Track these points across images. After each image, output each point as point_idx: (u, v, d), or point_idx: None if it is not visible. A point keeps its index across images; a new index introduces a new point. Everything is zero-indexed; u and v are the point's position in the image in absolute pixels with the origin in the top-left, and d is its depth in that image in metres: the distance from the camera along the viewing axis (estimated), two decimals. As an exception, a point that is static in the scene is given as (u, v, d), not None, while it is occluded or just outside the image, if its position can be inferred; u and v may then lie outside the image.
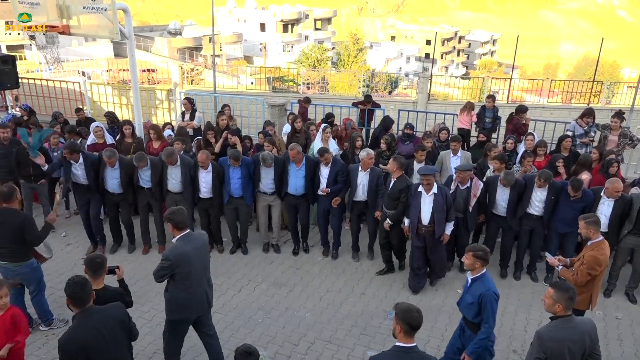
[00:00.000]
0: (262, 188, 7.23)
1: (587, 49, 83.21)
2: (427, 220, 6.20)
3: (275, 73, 30.12)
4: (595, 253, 4.86)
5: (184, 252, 4.57)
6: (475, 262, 4.38)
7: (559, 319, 3.79)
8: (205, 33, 50.79)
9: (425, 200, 6.16)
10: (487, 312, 4.30)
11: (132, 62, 8.14)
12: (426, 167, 6.37)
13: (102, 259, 4.21)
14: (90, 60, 25.33)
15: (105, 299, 4.10)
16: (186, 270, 4.58)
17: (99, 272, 4.15)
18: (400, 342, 3.40)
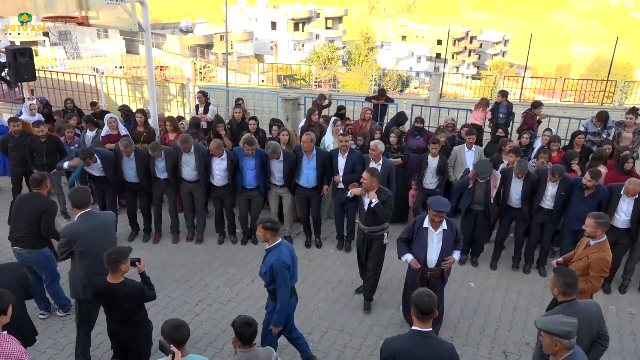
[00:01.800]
0: (273, 180, 7.29)
1: (599, 50, 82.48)
2: (435, 262, 5.23)
3: (286, 71, 30.23)
4: (602, 255, 4.75)
5: (79, 229, 4.65)
6: (266, 234, 4.49)
7: (562, 304, 3.82)
8: (216, 31, 51.06)
9: (433, 238, 5.18)
10: (279, 281, 4.50)
11: (149, 54, 8.22)
12: (439, 201, 5.12)
13: (118, 254, 4.14)
14: (104, 57, 25.53)
15: (123, 293, 4.15)
16: (82, 249, 4.62)
17: (114, 267, 4.13)
18: (416, 326, 3.45)
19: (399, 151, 7.88)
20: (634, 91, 17.96)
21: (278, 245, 4.53)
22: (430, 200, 5.14)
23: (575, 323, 3.23)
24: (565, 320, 3.24)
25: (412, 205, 8.08)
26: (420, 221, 5.29)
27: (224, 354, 5.37)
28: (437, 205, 5.02)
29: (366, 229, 5.85)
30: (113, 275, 4.15)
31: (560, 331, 3.19)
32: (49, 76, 13.18)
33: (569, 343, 3.19)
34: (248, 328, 3.61)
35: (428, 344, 3.40)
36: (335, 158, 7.14)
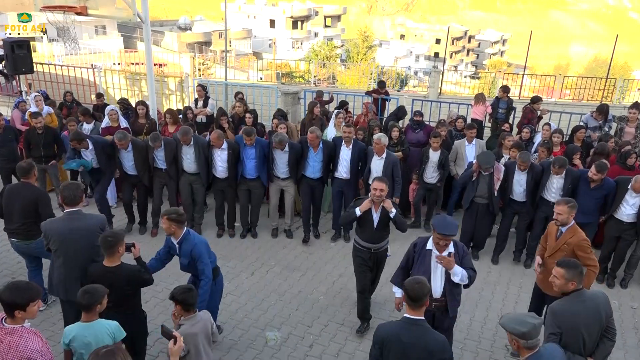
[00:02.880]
0: (276, 172, 7.23)
1: (597, 50, 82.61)
2: (439, 292, 4.39)
3: (284, 69, 30.14)
4: (580, 235, 4.70)
5: (56, 227, 4.50)
6: (171, 226, 4.49)
7: (571, 293, 3.76)
8: (215, 28, 50.90)
9: (437, 263, 4.38)
10: (202, 262, 4.52)
11: (148, 47, 8.16)
12: (445, 222, 4.26)
13: (115, 238, 4.11)
14: (102, 53, 25.41)
15: (121, 277, 4.11)
16: (56, 247, 4.50)
17: (110, 250, 4.09)
18: (407, 313, 3.40)
19: (399, 145, 7.83)
20: (632, 90, 17.97)
21: (187, 234, 4.58)
22: (434, 221, 4.33)
23: (534, 324, 3.12)
24: (525, 320, 3.15)
25: (413, 199, 8.03)
26: (422, 242, 4.46)
27: (224, 347, 5.31)
28: (443, 228, 4.18)
29: (373, 247, 5.30)
30: (110, 258, 4.11)
31: (514, 330, 3.12)
32: (47, 70, 13.08)
33: (526, 343, 3.11)
34: (191, 292, 3.75)
35: (417, 332, 3.32)
36: (339, 147, 7.10)
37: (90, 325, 3.54)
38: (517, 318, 3.20)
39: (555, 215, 4.77)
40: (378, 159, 6.97)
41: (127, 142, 6.95)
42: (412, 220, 8.15)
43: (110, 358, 2.81)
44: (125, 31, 42.52)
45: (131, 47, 36.26)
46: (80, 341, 3.50)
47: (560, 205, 4.73)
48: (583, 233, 4.76)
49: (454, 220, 4.34)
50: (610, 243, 6.65)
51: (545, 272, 4.85)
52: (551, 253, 4.85)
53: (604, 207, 6.58)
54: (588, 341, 3.65)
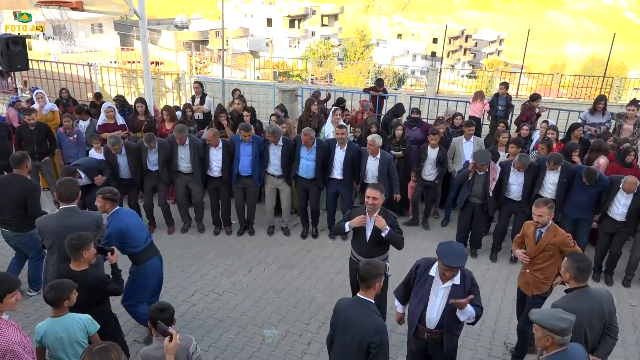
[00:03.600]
0: (270, 169, 7.18)
1: (594, 50, 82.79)
2: (435, 323, 3.91)
3: (281, 67, 30.08)
4: (562, 232, 4.66)
5: (50, 224, 4.45)
6: (105, 204, 4.69)
7: (574, 290, 3.74)
8: (211, 27, 50.80)
9: (437, 291, 3.87)
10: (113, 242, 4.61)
11: (144, 43, 8.10)
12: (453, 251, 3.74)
13: (80, 241, 3.94)
14: (98, 51, 25.31)
15: (84, 283, 3.85)
16: (50, 244, 4.46)
17: (75, 254, 3.95)
18: (360, 292, 3.53)
19: (401, 144, 7.79)
20: (629, 89, 18.00)
21: (115, 212, 4.73)
22: (440, 250, 3.75)
23: (572, 320, 3.10)
24: (563, 315, 3.12)
25: (411, 197, 8.00)
26: (425, 265, 3.99)
27: (221, 344, 5.27)
28: (449, 259, 3.66)
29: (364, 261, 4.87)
30: (75, 262, 3.97)
31: (554, 327, 3.07)
32: (42, 67, 13.00)
33: (562, 340, 3.08)
34: (161, 314, 3.42)
35: (361, 311, 3.43)
36: (333, 149, 7.03)
37: (60, 320, 3.50)
38: (552, 314, 3.16)
39: (536, 217, 4.61)
40: (373, 159, 6.93)
41: (120, 146, 6.85)
42: (410, 218, 8.12)
43: (104, 355, 2.75)
44: (122, 29, 42.42)
45: (128, 45, 36.15)
46: (52, 337, 3.47)
47: (540, 207, 4.59)
48: (562, 230, 4.71)
49: (463, 248, 3.84)
50: (605, 240, 6.66)
51: (529, 274, 4.80)
52: (534, 254, 4.74)
53: (599, 204, 6.58)
54: (590, 338, 3.63)
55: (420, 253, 7.23)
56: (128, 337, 5.23)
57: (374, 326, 3.35)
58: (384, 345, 3.36)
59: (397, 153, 7.77)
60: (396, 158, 7.78)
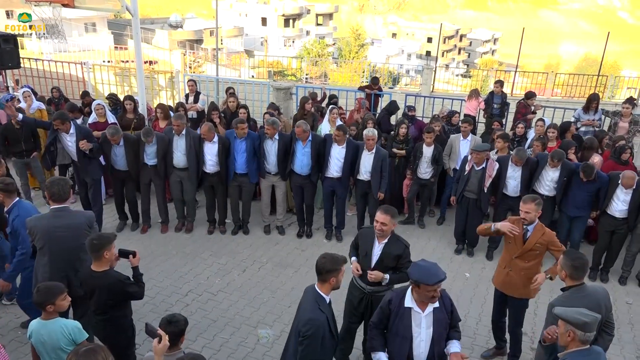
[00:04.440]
0: (266, 166, 7.11)
1: (588, 49, 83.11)
2: (425, 358, 3.52)
3: (276, 67, 30.00)
4: (549, 231, 4.56)
5: (41, 225, 4.32)
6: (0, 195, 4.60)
7: (570, 288, 3.70)
8: (206, 26, 50.63)
9: (420, 322, 3.47)
10: (21, 234, 4.49)
11: (137, 40, 8.00)
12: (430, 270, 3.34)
13: (101, 241, 3.85)
14: (92, 51, 25.12)
15: (104, 283, 3.84)
16: (41, 245, 4.33)
17: (96, 254, 3.86)
18: (317, 285, 3.59)
19: (404, 143, 7.75)
20: (622, 88, 18.05)
21: (16, 203, 4.64)
22: (417, 274, 3.33)
23: (597, 318, 3.06)
24: (587, 312, 3.08)
25: (406, 195, 7.95)
26: (398, 297, 3.51)
27: (215, 345, 5.20)
28: (430, 277, 3.27)
29: (367, 288, 4.43)
30: (96, 262, 3.88)
31: (576, 320, 3.03)
32: (35, 66, 12.87)
33: (584, 336, 3.03)
34: (167, 326, 3.22)
35: (309, 302, 3.51)
36: (329, 144, 6.96)
37: (47, 323, 3.44)
38: (576, 310, 3.10)
39: (523, 214, 4.47)
40: (368, 154, 6.87)
41: (119, 137, 6.80)
42: (405, 216, 8.08)
43: (91, 357, 2.66)
44: (116, 28, 42.18)
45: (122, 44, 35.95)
46: (37, 338, 3.43)
47: (527, 204, 4.45)
48: (549, 229, 4.63)
49: (433, 263, 3.42)
50: (604, 238, 6.62)
51: (512, 273, 4.68)
52: (521, 254, 4.61)
53: (596, 202, 6.55)
54: None
55: (415, 252, 7.16)
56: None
57: (308, 318, 3.37)
58: (312, 339, 3.32)
59: (400, 152, 7.72)
60: (398, 156, 7.75)
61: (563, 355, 3.14)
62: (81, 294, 4.49)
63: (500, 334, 5.13)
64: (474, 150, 6.61)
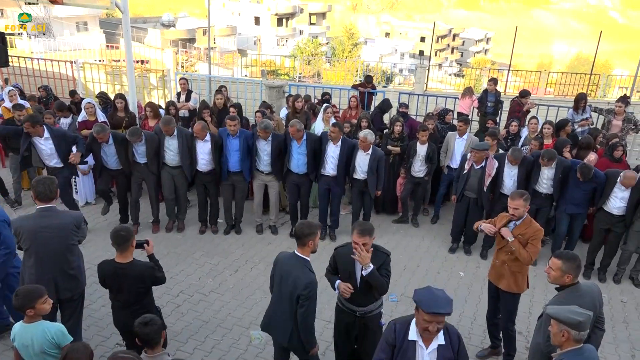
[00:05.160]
0: (259, 165, 7.02)
1: (579, 48, 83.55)
2: None
3: (269, 66, 29.89)
4: (536, 226, 4.56)
5: (27, 225, 4.23)
6: None
7: (567, 288, 3.65)
8: (199, 25, 50.38)
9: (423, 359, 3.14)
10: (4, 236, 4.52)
11: (127, 38, 7.89)
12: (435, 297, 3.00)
13: (128, 232, 3.98)
14: (83, 50, 24.91)
15: (133, 274, 3.96)
16: (27, 246, 4.24)
17: (124, 246, 3.93)
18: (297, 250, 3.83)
19: (399, 140, 7.69)
20: (613, 87, 18.12)
21: None
22: (418, 297, 3.03)
23: (589, 316, 3.04)
24: (580, 310, 3.06)
25: (400, 194, 7.89)
26: (402, 329, 3.19)
27: (206, 347, 5.12)
28: (431, 305, 2.95)
29: (358, 311, 4.09)
30: (122, 255, 3.95)
31: (569, 319, 2.99)
32: (24, 65, 12.70)
33: (578, 335, 3.00)
34: (144, 328, 3.23)
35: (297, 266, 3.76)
36: (325, 143, 6.88)
37: (30, 327, 3.39)
38: (569, 309, 3.07)
39: (512, 211, 4.50)
40: (364, 154, 6.81)
41: (106, 135, 6.63)
42: (399, 215, 8.03)
43: None
44: (108, 27, 41.87)
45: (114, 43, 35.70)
46: (20, 342, 3.38)
47: (515, 200, 4.48)
48: (537, 224, 4.63)
49: (445, 293, 3.09)
50: (599, 235, 6.61)
51: (499, 264, 4.73)
52: (502, 245, 4.66)
53: (593, 199, 6.52)
54: None
55: (409, 251, 7.16)
56: (109, 341, 5.09)
57: (307, 282, 3.65)
58: (312, 299, 3.70)
59: (395, 149, 7.66)
60: (392, 154, 7.69)
61: (558, 355, 3.11)
62: (69, 296, 4.42)
63: (495, 332, 5.09)
64: (474, 149, 6.57)
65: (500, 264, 4.72)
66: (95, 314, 5.49)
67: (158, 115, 7.96)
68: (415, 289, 3.15)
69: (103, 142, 6.68)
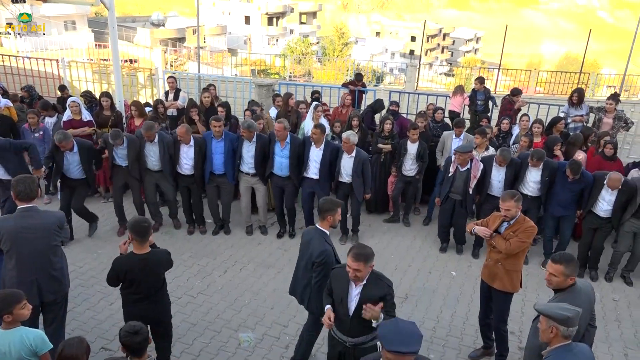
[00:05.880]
0: (244, 168, 6.91)
1: (568, 48, 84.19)
2: None
3: (259, 65, 29.77)
4: (529, 223, 4.51)
5: (7, 226, 4.10)
6: None
7: (567, 289, 3.58)
8: (188, 24, 50.01)
9: None
10: None
11: (113, 34, 7.75)
12: (400, 334, 2.67)
13: (149, 223, 4.02)
14: (71, 49, 24.63)
15: (155, 262, 4.02)
16: (7, 248, 4.10)
17: (146, 237, 3.93)
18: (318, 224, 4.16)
19: (390, 138, 7.61)
20: (602, 86, 18.23)
21: None
22: (382, 330, 2.73)
23: (578, 312, 3.01)
24: (568, 306, 3.04)
25: (391, 193, 7.82)
26: None
27: (194, 350, 5.00)
28: (392, 343, 2.63)
29: (348, 341, 3.71)
30: (142, 246, 3.95)
31: (558, 315, 2.97)
32: (8, 63, 12.48)
33: (567, 331, 2.98)
34: (134, 337, 3.16)
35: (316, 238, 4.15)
36: (308, 147, 6.76)
37: (8, 333, 3.27)
38: (557, 305, 3.07)
39: (504, 212, 4.46)
40: (348, 157, 6.71)
41: (68, 144, 6.29)
42: (390, 215, 7.95)
43: None
44: (96, 27, 41.46)
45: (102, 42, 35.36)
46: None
47: (506, 202, 4.42)
48: (532, 222, 4.57)
49: (415, 326, 2.76)
50: (588, 235, 6.58)
51: (492, 263, 4.67)
52: (496, 243, 4.59)
53: (581, 200, 6.49)
54: (580, 332, 3.54)
55: (400, 251, 7.08)
56: (94, 344, 4.94)
57: (321, 250, 4.04)
58: (325, 265, 4.00)
59: (386, 147, 7.59)
60: (384, 152, 7.62)
61: (547, 352, 3.09)
62: (52, 299, 4.29)
63: (488, 332, 5.03)
64: (458, 151, 6.49)
65: (493, 263, 4.66)
66: (79, 317, 5.35)
67: (144, 114, 7.82)
68: (382, 322, 3.02)
69: (65, 151, 6.37)
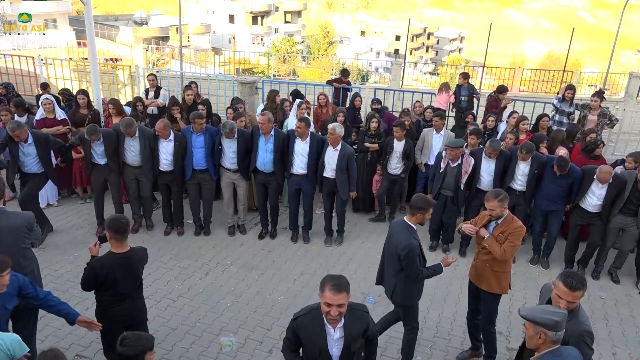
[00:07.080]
0: (225, 163, 6.72)
1: (550, 47, 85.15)
2: None
3: (244, 65, 29.51)
4: (517, 223, 4.40)
5: None
6: None
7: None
8: (172, 23, 49.42)
9: None
10: None
11: (90, 30, 7.50)
12: None
13: (127, 220, 3.92)
14: (52, 48, 24.13)
15: (136, 260, 3.94)
16: None
17: (125, 235, 3.84)
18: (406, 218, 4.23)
19: (376, 137, 7.48)
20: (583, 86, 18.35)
21: None
22: None
23: (565, 314, 2.91)
24: (554, 310, 2.94)
25: (377, 192, 7.69)
26: None
27: (174, 355, 4.82)
28: None
29: None
30: (119, 244, 3.84)
31: (546, 320, 2.86)
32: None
33: (555, 336, 2.87)
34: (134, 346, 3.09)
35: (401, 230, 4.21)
36: (292, 140, 6.60)
37: None
38: (543, 309, 2.97)
39: (489, 211, 4.38)
40: (332, 150, 6.54)
41: (22, 133, 6.02)
42: (376, 214, 7.83)
43: None
44: (78, 25, 40.77)
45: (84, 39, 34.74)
46: None
47: (490, 201, 4.32)
48: (520, 221, 4.47)
49: None
50: (574, 232, 6.53)
51: (479, 264, 4.58)
52: (483, 245, 4.49)
53: (570, 195, 6.43)
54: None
55: (387, 250, 6.96)
56: (69, 352, 4.74)
57: (405, 243, 4.11)
58: (409, 259, 4.12)
59: (373, 145, 7.46)
60: (370, 150, 7.50)
61: (536, 358, 2.98)
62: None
63: (476, 334, 4.93)
64: (449, 146, 6.39)
65: (481, 263, 4.56)
66: (53, 323, 5.11)
67: (122, 112, 7.60)
68: None
69: (20, 141, 6.12)
